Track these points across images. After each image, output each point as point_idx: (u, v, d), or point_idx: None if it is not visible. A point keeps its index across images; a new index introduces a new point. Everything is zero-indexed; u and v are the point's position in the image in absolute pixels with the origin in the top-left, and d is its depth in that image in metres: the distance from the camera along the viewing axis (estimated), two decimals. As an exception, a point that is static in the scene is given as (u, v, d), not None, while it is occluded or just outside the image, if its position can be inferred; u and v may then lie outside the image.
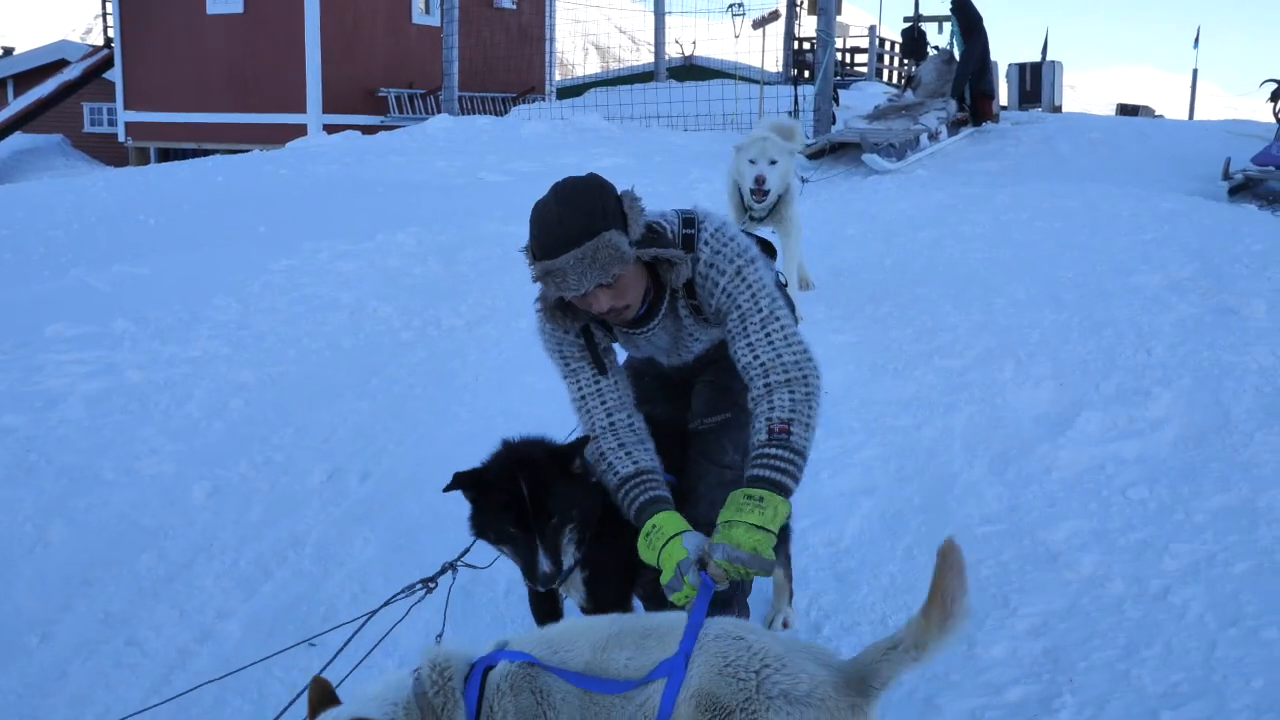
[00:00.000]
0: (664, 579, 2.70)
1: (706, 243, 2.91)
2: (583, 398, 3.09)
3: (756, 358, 2.87)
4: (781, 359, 2.84)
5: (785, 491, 2.72)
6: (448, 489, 2.84)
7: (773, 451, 2.75)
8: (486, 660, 2.40)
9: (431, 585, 3.11)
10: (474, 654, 2.44)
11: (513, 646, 2.42)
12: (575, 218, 2.68)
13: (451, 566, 3.18)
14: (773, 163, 6.86)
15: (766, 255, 3.15)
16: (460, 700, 2.34)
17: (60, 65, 30.98)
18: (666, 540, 2.74)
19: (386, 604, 3.20)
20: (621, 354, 3.33)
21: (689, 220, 2.95)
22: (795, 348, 2.87)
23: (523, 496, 2.76)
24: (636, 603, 3.20)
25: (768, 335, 2.87)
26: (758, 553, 2.61)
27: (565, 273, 2.70)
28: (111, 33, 26.98)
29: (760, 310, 2.88)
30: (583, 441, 2.96)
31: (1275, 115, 12.72)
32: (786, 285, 3.64)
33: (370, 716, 2.28)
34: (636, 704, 2.28)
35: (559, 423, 3.43)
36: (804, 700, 2.18)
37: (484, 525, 2.86)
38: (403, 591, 3.13)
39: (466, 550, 3.23)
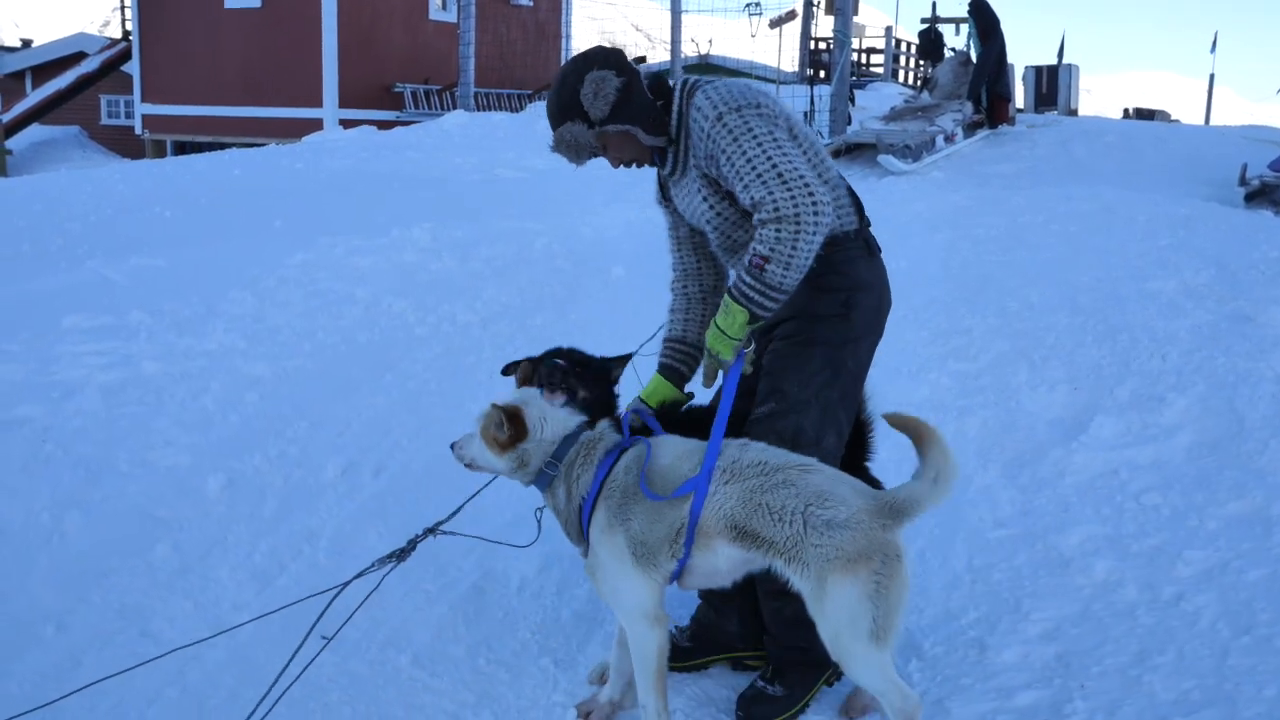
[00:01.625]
0: None
1: (703, 92, 3.16)
2: (669, 235, 3.61)
3: (751, 198, 2.98)
4: (772, 196, 2.91)
5: (750, 307, 2.97)
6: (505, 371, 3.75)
7: (746, 278, 2.96)
8: (626, 441, 3.12)
9: (409, 550, 3.39)
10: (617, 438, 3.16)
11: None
12: (550, 109, 3.27)
13: (431, 532, 3.43)
14: None
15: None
16: (595, 465, 3.06)
17: (78, 58, 31.12)
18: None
19: (359, 575, 3.31)
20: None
21: (701, 81, 3.25)
22: (789, 185, 2.91)
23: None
24: None
25: (758, 175, 2.96)
26: (717, 352, 3.04)
27: (559, 152, 3.29)
28: (129, 26, 27.11)
29: (744, 152, 3.00)
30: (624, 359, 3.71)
31: (1293, 121, 12.65)
32: None
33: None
34: (680, 511, 2.87)
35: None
36: (844, 524, 2.70)
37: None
38: (374, 563, 3.35)
39: (449, 517, 3.50)
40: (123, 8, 27.80)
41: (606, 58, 3.21)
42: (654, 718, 3.02)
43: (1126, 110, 28.41)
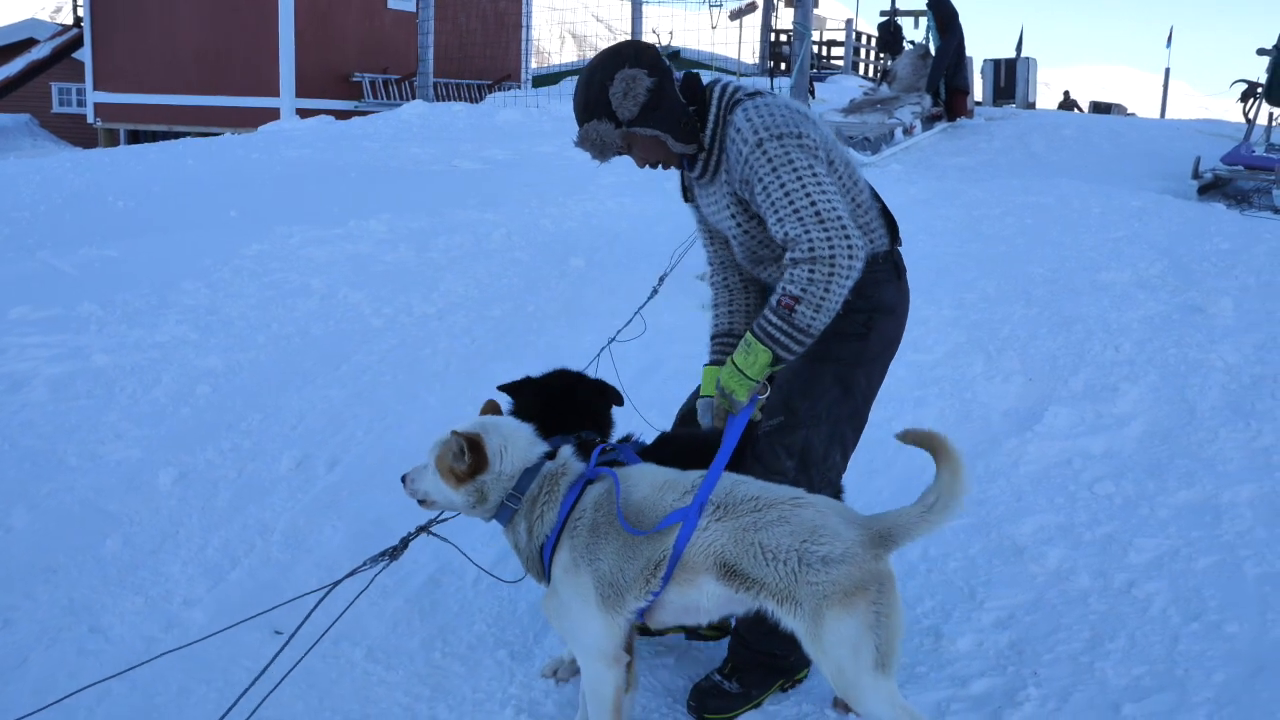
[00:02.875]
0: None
1: (744, 111, 3.04)
2: (698, 230, 3.58)
3: (786, 234, 2.90)
4: (809, 235, 2.85)
5: (774, 348, 2.90)
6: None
7: (772, 319, 2.90)
8: (592, 473, 2.93)
9: (400, 549, 3.23)
10: (582, 470, 2.96)
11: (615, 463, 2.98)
12: (576, 105, 3.15)
13: (424, 531, 3.30)
14: None
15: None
16: (559, 501, 2.88)
17: (29, 44, 30.61)
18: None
19: (351, 574, 3.20)
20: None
21: (740, 94, 3.13)
22: (827, 227, 2.84)
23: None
24: None
25: (795, 211, 2.88)
26: (731, 391, 2.95)
27: (582, 149, 3.16)
28: (81, 12, 26.66)
29: (783, 185, 2.91)
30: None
31: (1245, 115, 12.83)
32: None
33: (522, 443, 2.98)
34: (662, 546, 2.74)
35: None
36: (840, 559, 2.62)
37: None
38: (366, 562, 3.21)
39: (433, 520, 3.38)
40: (75, -6, 27.37)
41: (639, 54, 3.11)
42: None
43: (1067, 99, 28.55)
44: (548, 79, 28.11)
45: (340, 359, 6.16)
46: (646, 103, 3.06)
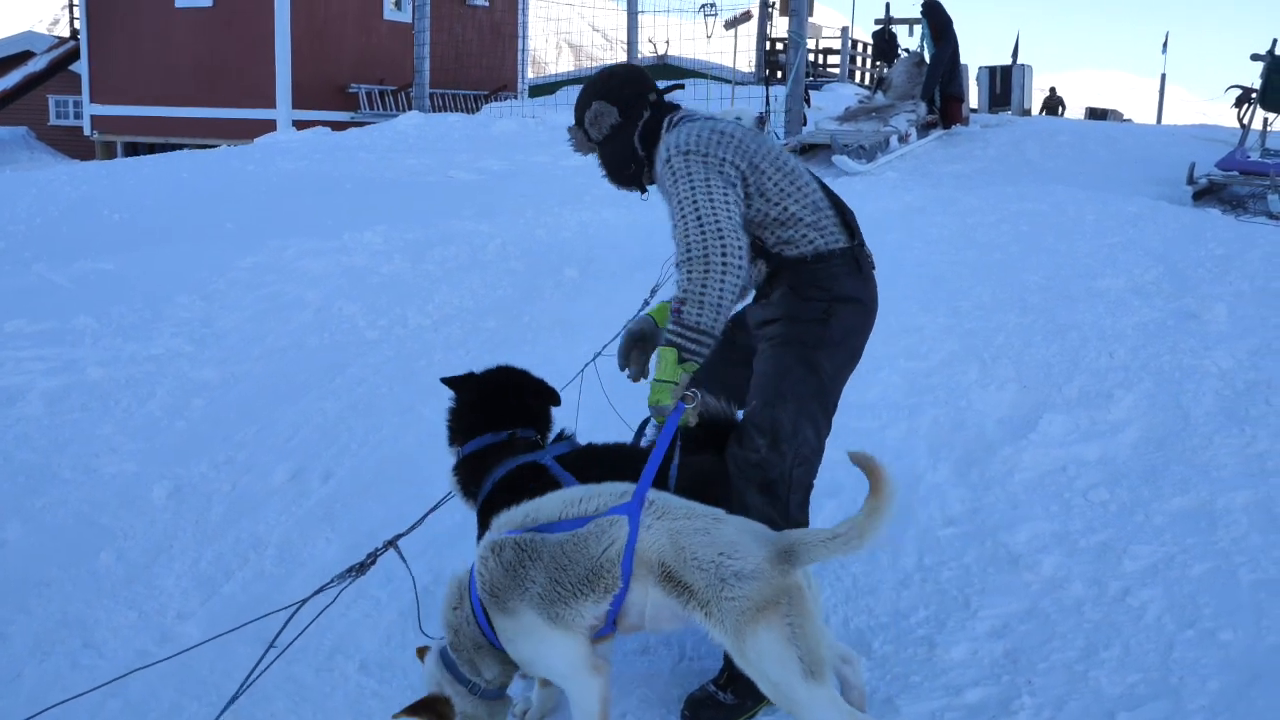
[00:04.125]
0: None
1: (673, 132, 3.32)
2: None
3: (675, 238, 3.17)
4: (688, 237, 3.10)
5: (676, 346, 3.06)
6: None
7: (670, 327, 3.10)
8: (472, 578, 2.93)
9: (369, 563, 3.32)
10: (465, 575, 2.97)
11: (496, 528, 2.95)
12: (575, 103, 3.55)
13: (391, 545, 3.37)
14: None
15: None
16: (466, 598, 2.92)
17: (25, 57, 30.61)
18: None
19: (318, 592, 3.23)
20: None
21: (681, 120, 3.41)
22: (702, 228, 3.09)
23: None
24: None
25: (682, 217, 3.13)
26: (657, 400, 3.06)
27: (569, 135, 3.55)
28: (78, 24, 26.68)
29: (677, 194, 3.17)
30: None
31: (1240, 121, 12.85)
32: None
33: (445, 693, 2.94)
34: (608, 539, 2.78)
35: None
36: (751, 575, 2.68)
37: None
38: (333, 580, 3.27)
39: (409, 530, 3.49)
40: (71, 6, 27.38)
41: (622, 88, 3.46)
42: None
43: (1052, 95, 28.45)
44: (544, 89, 28.12)
45: (335, 371, 6.16)
46: (607, 135, 3.46)
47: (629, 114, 3.43)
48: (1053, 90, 28.82)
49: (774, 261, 3.35)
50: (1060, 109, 27.84)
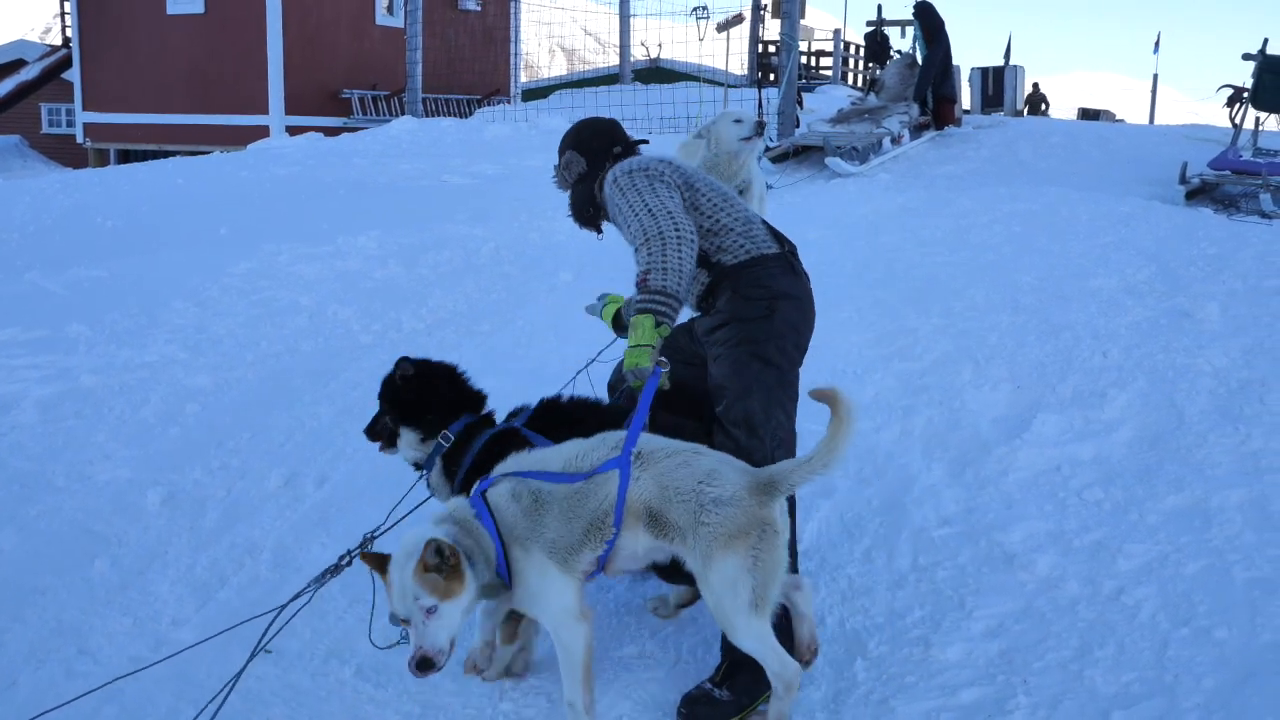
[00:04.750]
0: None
1: (612, 170, 3.75)
2: None
3: (630, 232, 3.54)
4: (642, 226, 3.44)
5: (649, 312, 3.32)
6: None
7: (637, 295, 3.38)
8: (483, 485, 3.17)
9: (345, 564, 3.43)
10: (464, 501, 3.17)
11: (500, 469, 3.21)
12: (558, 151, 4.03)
13: (367, 543, 3.47)
14: None
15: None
16: (482, 529, 3.08)
17: (18, 65, 30.54)
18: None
19: (296, 596, 3.25)
20: None
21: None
22: (653, 215, 3.45)
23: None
24: None
25: (634, 214, 3.51)
26: (635, 364, 3.27)
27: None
28: (70, 32, 26.65)
29: (627, 200, 3.56)
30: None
31: (1231, 120, 12.88)
32: None
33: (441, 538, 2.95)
34: (603, 493, 3.04)
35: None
36: (728, 501, 2.95)
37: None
38: (312, 583, 3.39)
39: (381, 532, 3.57)
40: (63, 14, 27.33)
41: (590, 142, 3.94)
42: (582, 713, 3.10)
43: (1036, 92, 28.39)
44: (537, 93, 28.16)
45: (329, 376, 6.15)
46: (574, 181, 3.96)
47: (594, 165, 3.88)
48: (1035, 87, 28.79)
49: (714, 270, 3.62)
50: (1044, 106, 27.80)
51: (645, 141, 4.06)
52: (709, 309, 3.68)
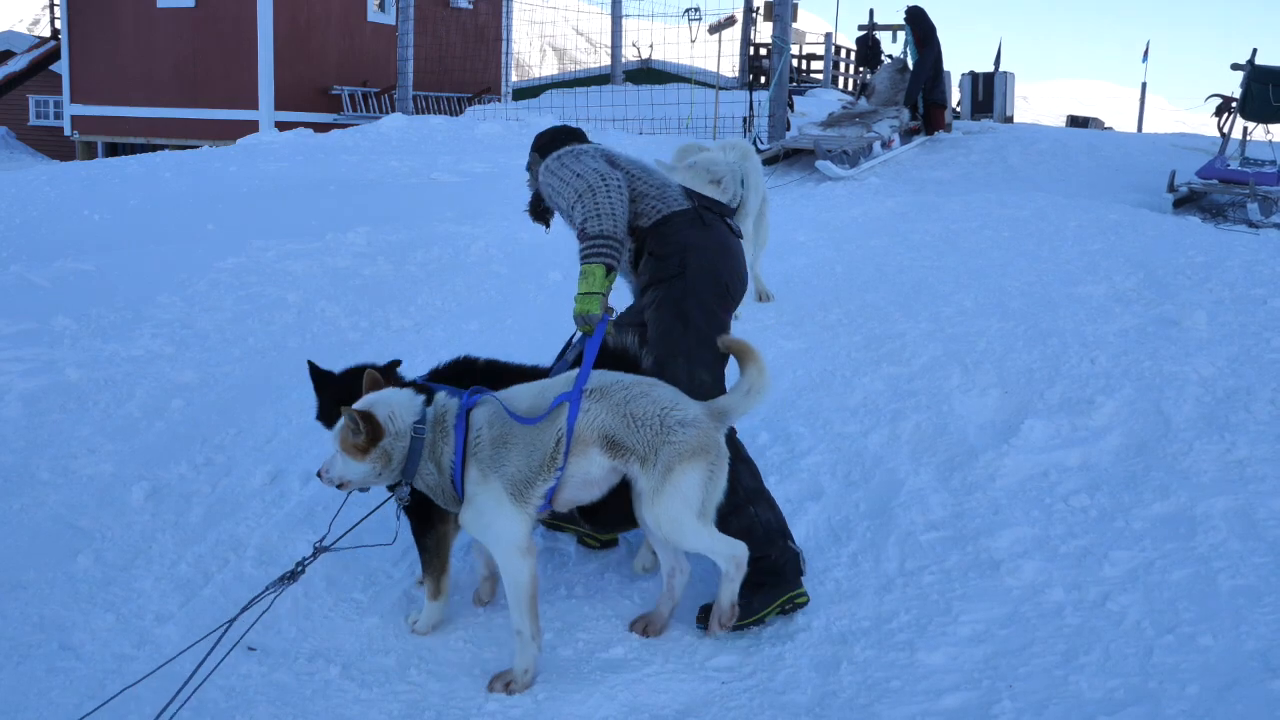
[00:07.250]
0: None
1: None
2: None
3: (565, 198, 3.89)
4: (575, 188, 3.81)
5: (596, 260, 3.70)
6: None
7: (581, 247, 3.74)
8: (472, 400, 3.48)
9: (299, 571, 3.54)
10: (458, 402, 3.49)
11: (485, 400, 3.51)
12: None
13: (322, 552, 3.59)
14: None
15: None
16: (452, 433, 3.42)
17: (5, 56, 30.44)
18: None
19: (256, 598, 3.37)
20: None
21: None
22: (580, 175, 3.83)
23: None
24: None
25: (564, 182, 3.88)
26: (585, 311, 3.69)
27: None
28: (59, 24, 26.51)
29: (560, 175, 3.92)
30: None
31: (1220, 130, 12.94)
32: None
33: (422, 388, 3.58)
34: (555, 427, 3.37)
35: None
36: (692, 423, 3.38)
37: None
38: (269, 587, 3.49)
39: (340, 537, 3.69)
40: (52, 6, 27.23)
41: (548, 146, 4.23)
42: (529, 640, 3.42)
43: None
44: (528, 92, 28.12)
45: (316, 373, 6.11)
46: (533, 184, 4.35)
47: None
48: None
49: (637, 236, 3.94)
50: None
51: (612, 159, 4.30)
52: (637, 271, 4.02)
